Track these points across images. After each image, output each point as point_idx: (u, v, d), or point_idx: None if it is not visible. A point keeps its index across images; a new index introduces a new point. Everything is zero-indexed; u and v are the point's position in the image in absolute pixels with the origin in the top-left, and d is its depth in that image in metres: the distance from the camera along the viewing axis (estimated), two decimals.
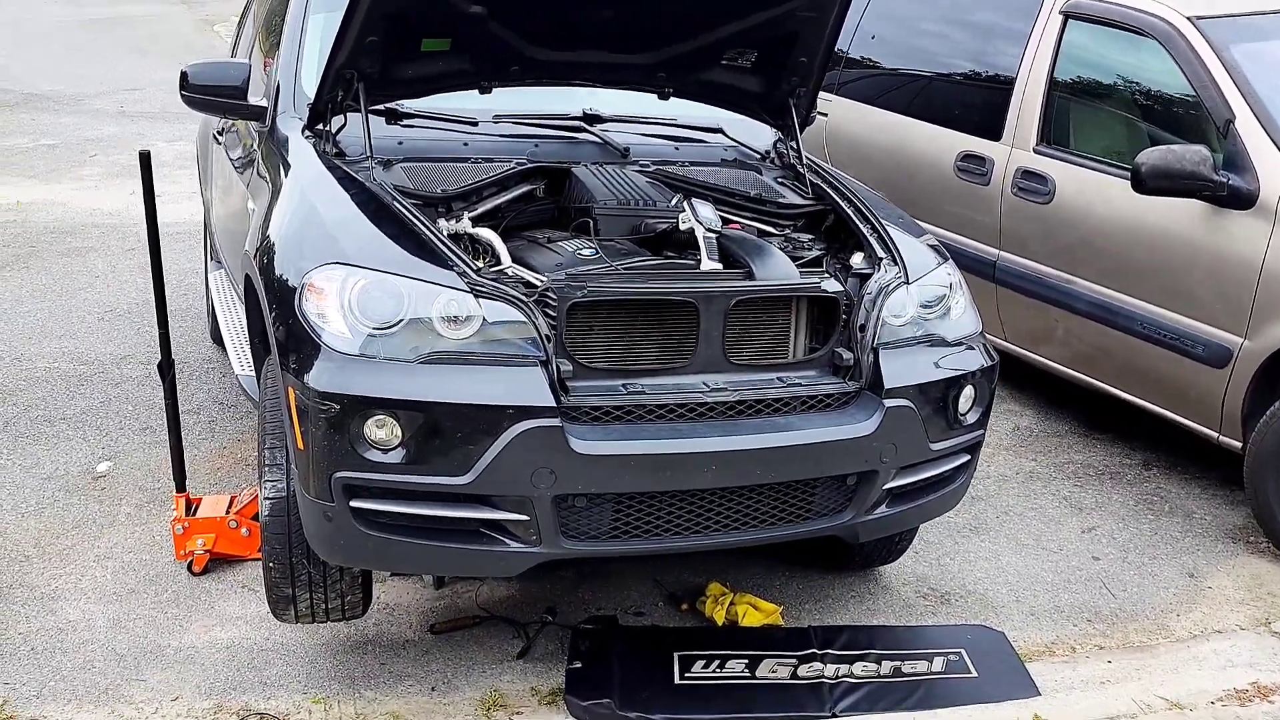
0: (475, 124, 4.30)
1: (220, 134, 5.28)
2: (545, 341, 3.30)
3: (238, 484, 4.96)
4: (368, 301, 3.29)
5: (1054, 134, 5.52)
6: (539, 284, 3.41)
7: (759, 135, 4.72)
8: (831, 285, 3.67)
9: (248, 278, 3.92)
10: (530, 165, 4.12)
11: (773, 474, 3.45)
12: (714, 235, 3.68)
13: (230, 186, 4.98)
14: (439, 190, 3.87)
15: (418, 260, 3.38)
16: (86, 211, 8.89)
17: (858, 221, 3.99)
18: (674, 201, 3.95)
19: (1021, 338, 5.75)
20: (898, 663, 3.93)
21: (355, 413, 3.18)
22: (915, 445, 3.63)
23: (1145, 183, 4.75)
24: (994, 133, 5.73)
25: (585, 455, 3.24)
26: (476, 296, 3.29)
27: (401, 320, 3.27)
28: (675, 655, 3.93)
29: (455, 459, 3.21)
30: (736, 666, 3.89)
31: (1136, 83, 5.42)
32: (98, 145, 10.92)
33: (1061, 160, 5.43)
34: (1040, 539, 4.83)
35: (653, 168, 4.28)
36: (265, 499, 3.56)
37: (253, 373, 4.31)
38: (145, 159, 4.22)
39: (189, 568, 4.37)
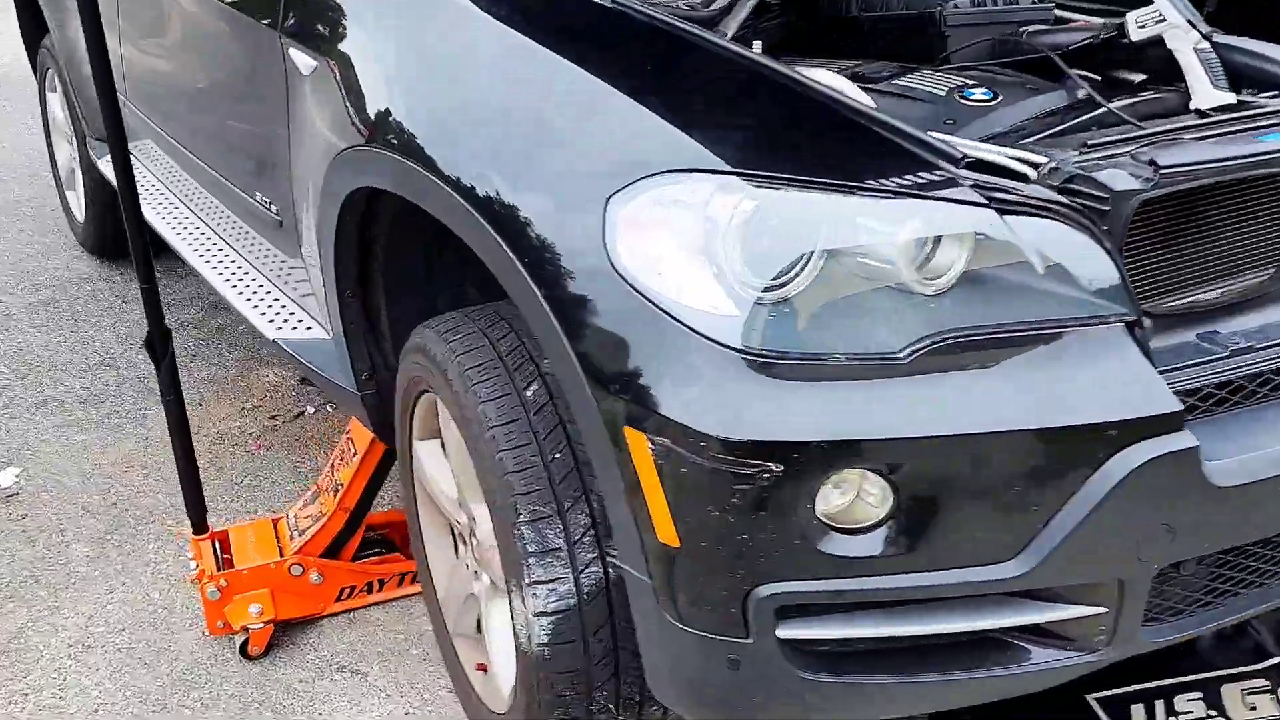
0: None
1: None
2: (1125, 284, 1.73)
3: (233, 478, 3.26)
4: (760, 239, 1.65)
5: None
6: (1036, 169, 1.80)
7: None
8: None
9: (351, 199, 2.20)
10: None
11: None
12: (1211, 48, 2.16)
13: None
14: None
15: (835, 149, 1.75)
16: None
17: None
18: None
19: None
20: None
21: (807, 474, 1.60)
22: None
23: None
24: None
25: (1226, 489, 1.73)
26: (1002, 213, 1.68)
27: (812, 254, 1.64)
28: (1092, 701, 2.56)
29: (993, 534, 1.68)
30: (1193, 706, 2.55)
31: None
32: None
33: None
34: None
35: None
36: (537, 615, 1.91)
37: (324, 335, 2.59)
38: None
39: (242, 650, 2.70)
